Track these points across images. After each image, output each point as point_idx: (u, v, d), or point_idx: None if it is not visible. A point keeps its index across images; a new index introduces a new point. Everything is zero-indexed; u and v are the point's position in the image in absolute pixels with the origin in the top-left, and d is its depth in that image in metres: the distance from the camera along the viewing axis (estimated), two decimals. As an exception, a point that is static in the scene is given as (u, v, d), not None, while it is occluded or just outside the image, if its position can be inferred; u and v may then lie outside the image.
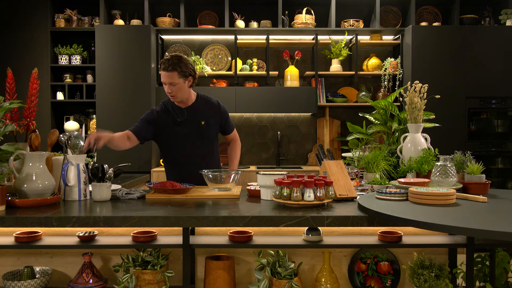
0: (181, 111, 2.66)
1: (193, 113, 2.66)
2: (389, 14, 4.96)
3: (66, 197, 2.06)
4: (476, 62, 4.47)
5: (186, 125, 2.64)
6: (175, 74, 2.49)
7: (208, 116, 2.68)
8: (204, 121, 2.66)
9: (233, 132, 2.86)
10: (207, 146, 2.70)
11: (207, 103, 2.72)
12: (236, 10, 4.86)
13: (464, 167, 2.15)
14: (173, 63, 2.49)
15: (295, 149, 5.04)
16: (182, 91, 2.56)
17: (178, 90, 2.54)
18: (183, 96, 2.60)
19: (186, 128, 2.64)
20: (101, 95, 4.46)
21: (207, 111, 2.69)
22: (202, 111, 2.68)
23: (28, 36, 4.74)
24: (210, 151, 2.73)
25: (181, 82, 2.53)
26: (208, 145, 2.70)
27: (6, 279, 1.95)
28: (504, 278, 2.09)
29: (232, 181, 2.27)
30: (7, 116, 2.09)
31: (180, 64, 2.50)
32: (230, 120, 2.82)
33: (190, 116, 2.65)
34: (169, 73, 2.49)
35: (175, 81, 2.51)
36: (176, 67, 2.49)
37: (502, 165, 4.54)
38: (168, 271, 1.96)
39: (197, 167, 2.56)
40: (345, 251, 2.14)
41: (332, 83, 5.05)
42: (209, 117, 2.68)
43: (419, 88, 2.44)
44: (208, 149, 2.71)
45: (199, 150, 2.67)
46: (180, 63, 2.50)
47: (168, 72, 2.49)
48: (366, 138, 2.92)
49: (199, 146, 2.67)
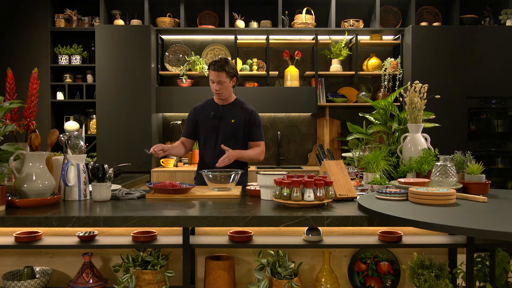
0: (218, 107, 2.92)
1: (227, 111, 2.91)
2: (389, 14, 4.96)
3: (66, 197, 2.06)
4: (476, 62, 4.47)
5: (219, 120, 2.89)
6: (223, 74, 2.78)
7: (239, 116, 2.89)
8: (234, 119, 2.88)
9: (258, 142, 2.94)
10: (234, 145, 2.84)
11: (242, 106, 2.95)
12: (236, 10, 4.86)
13: (464, 167, 2.15)
14: (221, 65, 2.78)
15: (295, 149, 5.04)
16: (227, 89, 2.85)
17: (224, 88, 2.83)
18: (227, 94, 2.88)
19: (219, 122, 2.88)
20: (101, 95, 4.46)
21: (239, 112, 2.91)
22: (235, 111, 2.92)
23: (28, 36, 4.74)
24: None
25: (227, 81, 2.82)
26: (236, 145, 2.86)
27: (6, 279, 1.95)
28: (504, 278, 2.09)
29: (232, 181, 2.27)
30: (7, 116, 2.09)
31: (228, 65, 2.80)
32: (260, 131, 2.95)
33: (224, 112, 2.90)
34: (219, 72, 2.78)
35: (223, 79, 2.79)
36: (225, 68, 2.78)
37: (502, 165, 4.54)
38: (168, 271, 1.96)
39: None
40: (345, 251, 2.14)
41: (332, 83, 5.05)
42: (239, 117, 2.89)
43: (419, 88, 2.44)
44: (235, 148, 2.83)
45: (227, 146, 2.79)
46: (227, 65, 2.80)
47: (218, 72, 2.78)
48: (366, 138, 2.92)
49: (227, 143, 2.83)
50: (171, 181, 2.33)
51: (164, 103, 4.62)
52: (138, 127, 4.46)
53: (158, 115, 4.75)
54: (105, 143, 4.46)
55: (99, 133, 4.47)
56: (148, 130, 4.46)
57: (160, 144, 2.65)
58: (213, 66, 2.79)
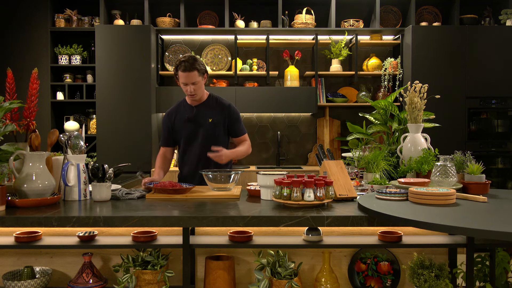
0: (191, 108, 2.77)
1: (202, 111, 2.76)
2: (389, 14, 4.96)
3: (66, 197, 2.06)
4: (476, 62, 4.47)
5: (195, 122, 2.75)
6: (195, 73, 2.61)
7: (216, 114, 2.75)
8: (211, 118, 2.73)
9: (243, 137, 2.84)
10: (215, 145, 2.69)
11: (217, 102, 2.80)
12: (236, 10, 4.86)
13: (464, 167, 2.15)
14: (191, 63, 2.60)
15: (295, 149, 5.04)
16: (200, 88, 2.70)
17: (198, 88, 2.67)
18: (201, 93, 2.73)
19: (194, 125, 2.74)
20: (101, 95, 4.46)
21: (215, 110, 2.77)
22: (211, 109, 2.77)
23: (28, 36, 4.74)
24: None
25: (200, 80, 2.66)
26: (216, 144, 2.69)
27: (6, 279, 1.95)
28: (504, 278, 2.09)
29: (232, 181, 2.27)
30: (7, 116, 2.09)
31: (198, 63, 2.63)
32: (241, 124, 2.83)
33: (199, 113, 2.75)
34: (190, 73, 2.60)
35: (196, 79, 2.63)
36: (195, 66, 2.61)
37: (502, 165, 4.54)
38: (168, 271, 1.96)
39: (206, 165, 2.68)
40: (345, 251, 2.14)
41: (332, 83, 5.05)
42: (216, 116, 2.74)
43: (419, 88, 2.44)
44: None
45: (206, 148, 2.68)
46: (197, 62, 2.62)
47: (189, 72, 2.60)
48: (366, 138, 2.92)
49: (206, 144, 2.69)
50: (170, 181, 2.33)
51: (164, 103, 4.62)
52: (138, 127, 4.46)
53: (158, 115, 4.75)
54: (105, 143, 4.46)
55: (99, 133, 4.47)
56: (148, 130, 4.46)
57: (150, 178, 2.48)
58: (183, 66, 2.59)
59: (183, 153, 2.81)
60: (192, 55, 2.66)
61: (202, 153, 2.71)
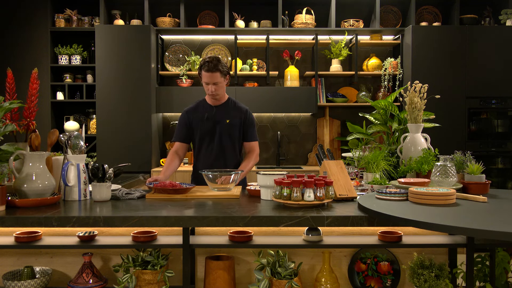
0: (211, 108, 2.85)
1: (221, 111, 2.85)
2: (389, 14, 4.95)
3: (66, 197, 2.06)
4: (476, 62, 4.47)
5: (213, 121, 2.82)
6: (217, 74, 2.70)
7: (234, 116, 2.85)
8: (229, 119, 2.83)
9: (253, 143, 2.92)
10: (230, 146, 2.84)
11: (235, 106, 2.90)
12: (236, 10, 4.86)
13: (464, 167, 2.15)
14: (215, 64, 2.68)
15: (295, 149, 5.04)
16: (222, 89, 2.79)
17: (220, 88, 2.76)
18: (222, 94, 2.83)
19: (212, 124, 2.82)
20: (101, 95, 4.46)
21: (233, 112, 2.86)
22: (229, 111, 2.86)
23: (28, 36, 4.74)
24: (232, 150, 2.85)
25: (222, 81, 2.75)
26: (231, 144, 2.84)
27: (6, 279, 1.95)
28: (504, 278, 2.09)
29: (232, 182, 2.27)
30: (7, 116, 2.09)
31: (221, 64, 2.71)
32: (254, 130, 2.93)
33: (218, 113, 2.84)
34: (213, 73, 2.69)
35: (218, 80, 2.72)
36: (219, 67, 2.69)
37: (502, 165, 4.54)
38: (168, 271, 1.96)
39: (220, 164, 2.77)
40: (345, 251, 2.14)
41: (332, 83, 5.04)
42: (234, 118, 2.84)
43: (419, 88, 2.44)
44: (231, 148, 2.84)
45: (221, 147, 2.80)
46: (220, 63, 2.71)
47: (212, 72, 2.69)
48: (366, 138, 2.92)
49: (222, 143, 2.81)
50: (171, 181, 2.33)
51: (164, 103, 4.62)
52: (138, 127, 4.46)
53: (158, 115, 4.75)
54: (105, 143, 4.46)
55: (99, 133, 4.47)
56: (148, 130, 4.46)
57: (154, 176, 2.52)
58: (206, 67, 2.68)
59: (199, 151, 2.87)
60: (217, 56, 2.74)
61: (218, 152, 2.80)
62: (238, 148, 2.89)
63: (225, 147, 2.81)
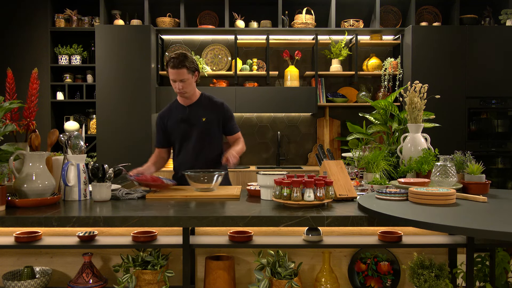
0: (184, 109, 2.75)
1: (195, 110, 2.74)
2: (389, 14, 4.96)
3: (66, 197, 2.06)
4: (476, 62, 4.47)
5: (188, 122, 2.73)
6: (184, 71, 2.60)
7: (210, 113, 2.74)
8: (205, 117, 2.72)
9: (236, 135, 2.85)
10: (210, 144, 2.73)
11: (210, 101, 2.79)
12: (236, 10, 4.86)
13: (464, 167, 2.15)
14: (181, 61, 2.59)
15: (295, 149, 5.04)
16: (190, 86, 2.68)
17: (187, 85, 2.66)
18: (191, 92, 2.72)
19: (188, 125, 2.72)
20: (101, 95, 4.46)
21: (209, 109, 2.75)
22: (204, 108, 2.75)
23: (28, 36, 4.74)
24: (213, 150, 2.75)
25: (190, 78, 2.65)
26: (211, 143, 2.73)
27: (6, 279, 1.95)
28: (504, 278, 2.09)
29: (215, 182, 2.24)
30: (7, 116, 2.09)
31: (188, 61, 2.62)
32: (234, 122, 2.84)
33: (192, 113, 2.74)
34: (179, 70, 2.60)
35: (185, 77, 2.62)
36: (185, 64, 2.60)
37: (502, 165, 4.54)
38: (168, 271, 1.96)
39: (201, 164, 2.67)
40: (345, 251, 2.14)
41: (332, 83, 5.04)
42: (210, 115, 2.73)
43: (419, 88, 2.44)
44: (211, 148, 2.74)
45: (201, 147, 2.71)
46: (187, 60, 2.62)
47: (178, 69, 2.59)
48: (366, 138, 2.92)
49: (202, 143, 2.71)
50: (153, 176, 2.34)
51: (164, 103, 4.62)
52: (138, 127, 4.46)
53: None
54: (105, 143, 4.46)
55: (99, 133, 4.47)
56: (148, 130, 4.46)
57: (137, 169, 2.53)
58: (172, 63, 2.59)
59: (178, 153, 2.79)
60: (183, 52, 2.64)
61: (197, 153, 2.71)
62: (219, 144, 2.79)
63: (205, 146, 2.71)
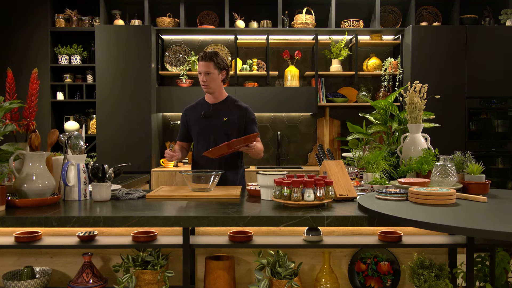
0: (208, 106, 2.84)
1: (218, 110, 2.82)
2: (389, 14, 4.96)
3: (66, 197, 2.06)
4: (476, 62, 4.47)
5: (210, 120, 2.80)
6: (211, 64, 2.71)
7: (232, 114, 2.81)
8: (226, 118, 2.79)
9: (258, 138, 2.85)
10: None
11: (235, 104, 2.87)
12: (236, 10, 4.86)
13: (464, 167, 2.15)
14: (210, 55, 2.72)
15: (295, 149, 5.04)
16: (215, 82, 2.76)
17: (211, 80, 2.74)
18: (215, 88, 2.79)
19: (209, 122, 2.80)
20: (101, 95, 4.46)
21: (232, 110, 2.83)
22: (227, 109, 2.83)
23: (28, 36, 4.74)
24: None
25: (215, 73, 2.74)
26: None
27: (6, 279, 1.95)
28: (504, 278, 2.09)
29: (212, 183, 2.24)
30: (7, 116, 2.08)
31: (217, 57, 2.73)
32: (255, 127, 2.87)
33: (215, 111, 2.82)
34: (206, 63, 2.71)
35: (210, 71, 2.72)
36: (213, 58, 2.71)
37: (502, 165, 4.54)
38: (168, 271, 1.96)
39: (216, 164, 2.72)
40: (345, 251, 2.14)
41: (332, 83, 5.05)
42: (232, 116, 2.80)
43: (419, 88, 2.44)
44: None
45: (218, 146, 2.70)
46: (216, 56, 2.73)
47: (205, 62, 2.71)
48: (366, 138, 2.92)
49: (218, 142, 2.70)
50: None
51: (164, 103, 4.62)
52: (138, 127, 4.46)
53: (158, 115, 4.75)
54: (105, 143, 4.46)
55: (99, 133, 4.47)
56: (148, 130, 4.46)
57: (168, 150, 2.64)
58: (201, 56, 2.72)
59: (196, 149, 2.85)
60: (216, 50, 2.77)
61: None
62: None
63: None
